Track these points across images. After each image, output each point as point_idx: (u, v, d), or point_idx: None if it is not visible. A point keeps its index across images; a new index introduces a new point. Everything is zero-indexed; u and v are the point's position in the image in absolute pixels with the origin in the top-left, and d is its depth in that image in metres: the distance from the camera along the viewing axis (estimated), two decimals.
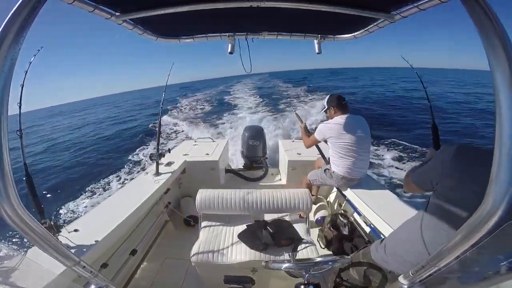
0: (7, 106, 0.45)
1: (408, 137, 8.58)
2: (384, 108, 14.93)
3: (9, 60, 0.44)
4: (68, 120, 29.69)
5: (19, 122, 1.40)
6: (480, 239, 0.50)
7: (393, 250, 1.06)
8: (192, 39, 1.50)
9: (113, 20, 1.02)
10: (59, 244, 0.63)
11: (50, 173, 8.55)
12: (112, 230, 1.53)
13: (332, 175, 2.20)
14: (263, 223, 1.64)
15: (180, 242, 2.25)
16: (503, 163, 0.42)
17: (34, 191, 1.36)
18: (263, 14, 1.16)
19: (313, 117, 10.81)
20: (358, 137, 2.04)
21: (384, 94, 21.47)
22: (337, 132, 2.05)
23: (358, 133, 2.04)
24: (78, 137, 15.41)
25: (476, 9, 0.43)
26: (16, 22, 0.44)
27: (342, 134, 2.04)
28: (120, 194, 2.06)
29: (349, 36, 1.45)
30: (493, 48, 0.42)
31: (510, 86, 0.40)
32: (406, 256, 0.99)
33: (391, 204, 1.92)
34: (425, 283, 0.70)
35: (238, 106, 16.31)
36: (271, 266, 1.00)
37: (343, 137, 2.04)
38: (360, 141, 2.05)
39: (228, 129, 10.26)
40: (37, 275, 0.91)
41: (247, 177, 3.20)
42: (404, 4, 0.95)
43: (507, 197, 0.43)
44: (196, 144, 3.49)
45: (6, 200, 0.47)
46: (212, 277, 1.59)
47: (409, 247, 0.98)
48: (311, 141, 2.34)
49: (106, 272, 1.48)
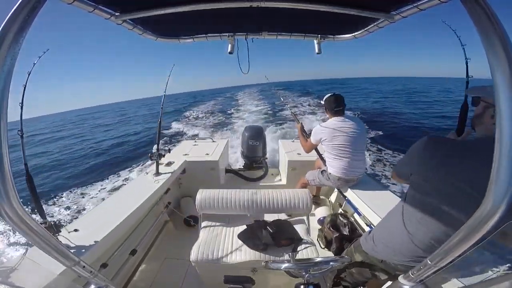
0: (7, 106, 0.45)
1: None
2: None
3: (9, 60, 0.44)
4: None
5: (20, 122, 1.40)
6: (480, 239, 0.50)
7: (381, 240, 1.09)
8: (192, 39, 1.50)
9: (113, 20, 1.02)
10: (59, 244, 0.63)
11: (50, 173, 8.55)
12: (112, 230, 1.53)
13: (329, 176, 2.22)
14: (263, 223, 1.64)
15: (180, 242, 2.25)
16: (503, 163, 0.42)
17: (34, 191, 1.36)
18: (263, 14, 1.16)
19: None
20: (351, 138, 2.06)
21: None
22: (330, 134, 2.09)
23: (351, 134, 2.07)
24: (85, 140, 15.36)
25: (476, 9, 0.43)
26: (16, 22, 0.44)
27: (335, 136, 2.08)
28: (120, 194, 2.07)
29: (349, 36, 1.45)
30: (493, 48, 0.41)
31: (510, 86, 0.40)
32: (395, 246, 1.01)
33: (391, 204, 1.90)
34: (425, 283, 0.70)
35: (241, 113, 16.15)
36: (271, 266, 1.00)
37: (336, 139, 2.08)
38: (354, 142, 2.07)
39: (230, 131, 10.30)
40: (37, 275, 0.91)
41: (247, 177, 3.20)
42: (404, 4, 0.95)
43: (507, 197, 0.43)
44: (196, 144, 3.49)
45: (6, 200, 0.47)
46: (212, 277, 1.59)
47: (396, 238, 1.00)
48: (308, 146, 2.36)
49: (106, 272, 1.48)
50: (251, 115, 13.76)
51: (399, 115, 14.69)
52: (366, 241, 1.18)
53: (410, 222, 0.93)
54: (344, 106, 2.15)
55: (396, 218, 1.00)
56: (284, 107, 15.19)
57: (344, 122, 2.10)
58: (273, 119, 12.84)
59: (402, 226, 0.96)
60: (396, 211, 1.03)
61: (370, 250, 1.14)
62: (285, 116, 13.01)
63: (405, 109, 17.32)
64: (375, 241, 1.12)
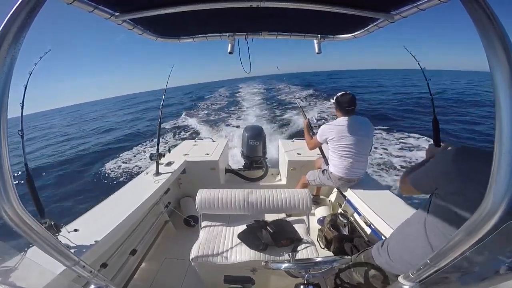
0: (7, 106, 0.45)
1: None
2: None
3: (9, 60, 0.44)
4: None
5: (21, 122, 1.40)
6: (480, 239, 0.50)
7: (398, 254, 1.02)
8: (192, 39, 1.50)
9: (113, 20, 1.02)
10: (58, 244, 0.63)
11: (51, 173, 8.55)
12: (112, 230, 1.52)
13: (330, 176, 2.22)
14: (263, 223, 1.64)
15: (180, 242, 2.25)
16: (503, 163, 0.42)
17: (34, 191, 1.36)
18: (263, 14, 1.16)
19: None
20: (358, 139, 2.05)
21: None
22: (338, 134, 2.07)
23: (359, 135, 2.05)
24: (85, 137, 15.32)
25: (476, 9, 0.43)
26: (16, 22, 0.44)
27: (343, 136, 2.05)
28: (120, 194, 2.06)
29: (349, 36, 1.45)
30: (493, 48, 0.41)
31: (510, 86, 0.40)
32: (412, 260, 0.94)
33: (391, 204, 1.92)
34: (425, 283, 0.70)
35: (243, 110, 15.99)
36: (271, 266, 1.00)
37: (343, 138, 2.05)
38: (360, 144, 2.06)
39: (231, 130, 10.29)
40: (37, 275, 0.91)
41: (247, 177, 3.21)
42: (404, 4, 0.95)
43: (507, 197, 0.43)
44: (196, 144, 3.49)
45: (6, 200, 0.47)
46: (212, 277, 1.59)
47: (416, 252, 0.93)
48: (313, 144, 2.35)
49: (106, 272, 1.48)
50: (251, 114, 13.72)
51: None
52: (380, 254, 1.09)
53: (434, 235, 0.88)
54: (355, 106, 2.10)
55: (416, 230, 0.95)
56: (291, 103, 15.22)
57: (354, 123, 2.07)
58: (274, 116, 12.77)
59: (424, 238, 0.90)
60: (416, 222, 0.97)
61: (384, 264, 1.07)
62: (285, 113, 12.99)
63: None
64: (390, 254, 1.04)
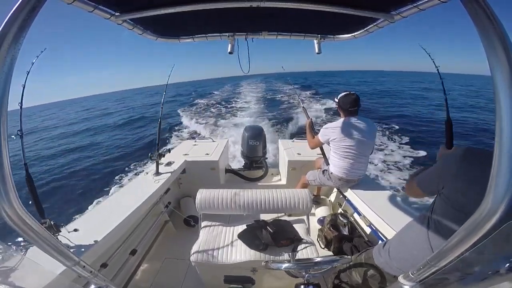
0: (7, 106, 0.45)
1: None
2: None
3: (9, 60, 0.44)
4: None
5: (20, 122, 1.40)
6: (480, 239, 0.50)
7: (398, 256, 1.03)
8: (192, 39, 1.50)
9: (113, 20, 1.02)
10: (59, 244, 0.63)
11: (51, 173, 8.55)
12: (112, 230, 1.52)
13: (330, 176, 2.22)
14: (263, 223, 1.64)
15: (180, 242, 2.25)
16: (503, 163, 0.42)
17: (34, 191, 1.36)
18: (263, 14, 1.16)
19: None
20: (360, 141, 2.04)
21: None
22: (340, 134, 2.06)
23: (361, 137, 2.04)
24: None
25: (476, 9, 0.43)
26: (16, 22, 0.44)
27: (345, 136, 2.05)
28: (120, 194, 2.07)
29: (349, 36, 1.45)
30: (493, 48, 0.42)
31: (510, 86, 0.40)
32: (414, 261, 0.92)
33: (391, 204, 1.92)
34: (425, 283, 0.70)
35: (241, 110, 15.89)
36: (271, 266, 1.00)
37: (345, 139, 2.05)
38: (361, 145, 2.05)
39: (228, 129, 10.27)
40: (37, 275, 0.91)
41: (247, 177, 3.20)
42: (404, 4, 0.95)
43: (507, 197, 0.43)
44: (196, 144, 3.49)
45: (6, 200, 0.47)
46: (212, 277, 1.59)
47: (417, 255, 0.93)
48: (314, 143, 2.35)
49: (106, 272, 1.48)
50: (251, 114, 13.71)
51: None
52: (380, 254, 1.11)
53: (436, 235, 0.88)
54: (359, 106, 2.08)
55: (418, 232, 0.95)
56: (291, 102, 15.19)
57: (357, 124, 2.05)
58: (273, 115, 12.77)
59: (426, 240, 0.90)
60: (418, 224, 0.97)
61: (383, 264, 1.08)
62: (285, 113, 13.00)
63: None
64: (390, 255, 1.05)
